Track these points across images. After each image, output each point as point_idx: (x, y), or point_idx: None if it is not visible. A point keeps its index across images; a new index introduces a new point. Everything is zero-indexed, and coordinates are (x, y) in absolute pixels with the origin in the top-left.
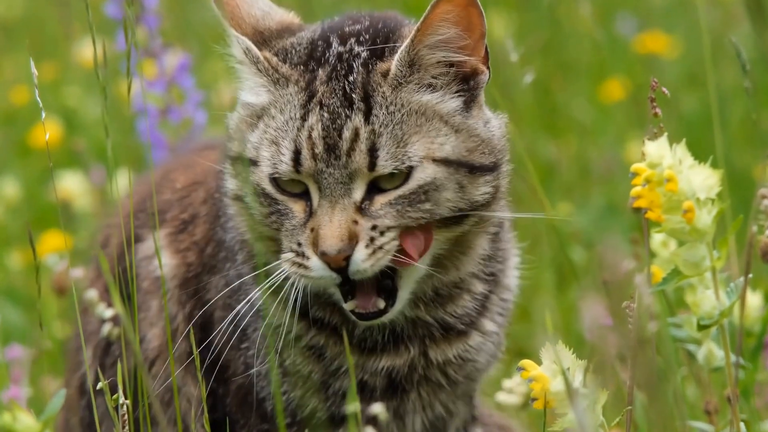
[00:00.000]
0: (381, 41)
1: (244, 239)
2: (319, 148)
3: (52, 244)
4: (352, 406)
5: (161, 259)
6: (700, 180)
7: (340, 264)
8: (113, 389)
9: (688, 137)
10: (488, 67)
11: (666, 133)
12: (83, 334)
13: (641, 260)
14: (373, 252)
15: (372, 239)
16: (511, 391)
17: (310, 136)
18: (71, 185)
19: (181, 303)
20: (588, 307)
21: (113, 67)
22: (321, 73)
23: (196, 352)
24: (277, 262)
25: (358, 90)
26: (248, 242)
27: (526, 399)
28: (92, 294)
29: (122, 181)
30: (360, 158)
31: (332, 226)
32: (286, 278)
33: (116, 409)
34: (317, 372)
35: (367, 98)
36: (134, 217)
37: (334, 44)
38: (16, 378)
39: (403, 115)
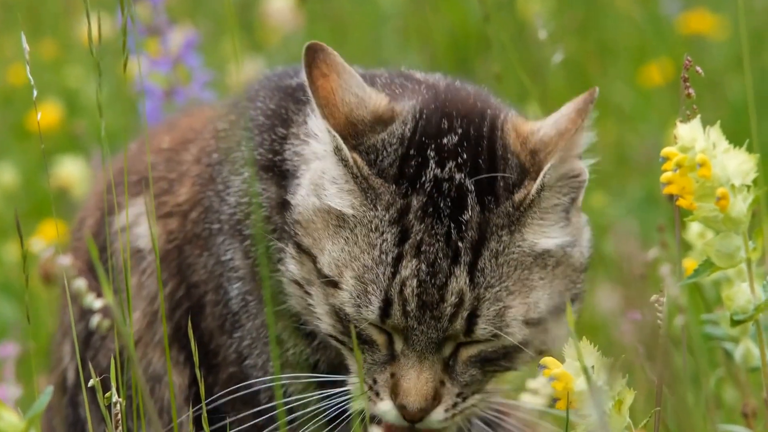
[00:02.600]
0: (484, 161)
1: (243, 219)
2: (412, 306)
3: (51, 233)
4: (358, 404)
5: (136, 228)
6: (735, 165)
7: (414, 418)
8: (97, 389)
9: (733, 124)
10: None
11: (699, 115)
12: (62, 328)
13: (669, 249)
14: (452, 416)
15: (455, 404)
16: (536, 393)
17: (402, 291)
18: (71, 171)
19: (162, 281)
20: (605, 297)
21: (116, 46)
22: (415, 203)
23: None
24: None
25: (468, 236)
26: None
27: (551, 401)
28: (80, 283)
29: (119, 165)
30: (459, 325)
31: (419, 384)
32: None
33: (108, 407)
34: (323, 362)
35: (477, 247)
36: (111, 190)
37: (431, 164)
38: (6, 376)
39: (509, 269)
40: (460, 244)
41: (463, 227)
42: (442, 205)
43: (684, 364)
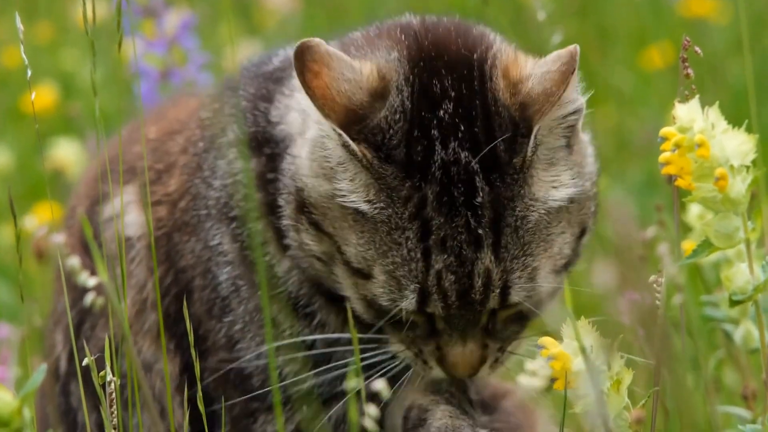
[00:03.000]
0: (480, 128)
1: (228, 200)
2: (452, 298)
3: (45, 215)
4: (353, 382)
5: (125, 217)
6: (734, 145)
7: (464, 380)
8: (92, 368)
9: (734, 107)
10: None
11: (698, 96)
12: (54, 315)
13: (667, 229)
14: (496, 368)
15: (497, 359)
16: (534, 374)
17: (439, 284)
18: (66, 153)
19: (150, 268)
20: (599, 273)
21: (111, 28)
22: (430, 195)
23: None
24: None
25: (486, 218)
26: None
27: (550, 381)
28: (74, 261)
29: (111, 152)
30: (493, 301)
31: (465, 356)
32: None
33: (103, 387)
34: (321, 341)
35: (496, 225)
36: (101, 179)
37: (437, 146)
38: (4, 358)
39: (530, 235)
40: (480, 230)
41: (479, 211)
42: (455, 193)
43: (683, 345)
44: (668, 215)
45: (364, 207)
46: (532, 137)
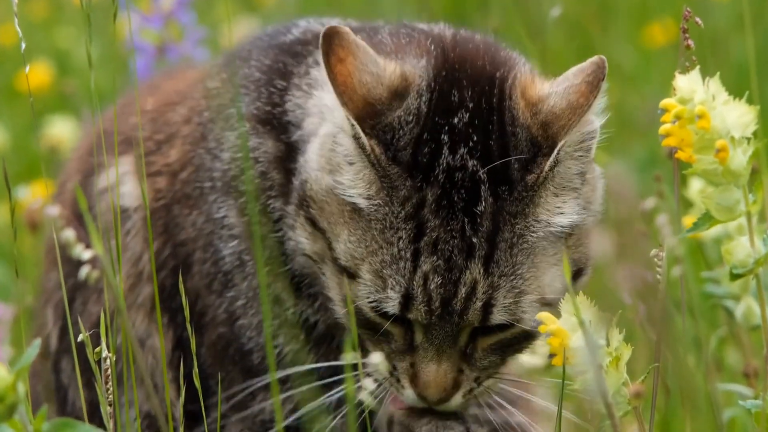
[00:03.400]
0: (495, 141)
1: (238, 175)
2: (436, 304)
3: (41, 193)
4: (350, 356)
5: (121, 187)
6: (735, 117)
7: (435, 405)
8: (87, 344)
9: (736, 84)
10: None
11: (698, 67)
12: (45, 294)
13: (667, 200)
14: (468, 400)
15: (471, 390)
16: (533, 352)
17: (424, 288)
18: (61, 130)
19: (147, 240)
20: (598, 242)
21: (107, 3)
22: (430, 197)
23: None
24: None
25: (483, 229)
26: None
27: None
28: (69, 234)
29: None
30: (473, 316)
31: (438, 376)
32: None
33: (98, 363)
34: (323, 322)
35: (492, 238)
36: (96, 150)
37: (444, 150)
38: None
39: (524, 256)
40: (474, 239)
41: (478, 220)
42: (456, 198)
43: (683, 320)
44: (668, 188)
45: (362, 203)
46: (555, 152)
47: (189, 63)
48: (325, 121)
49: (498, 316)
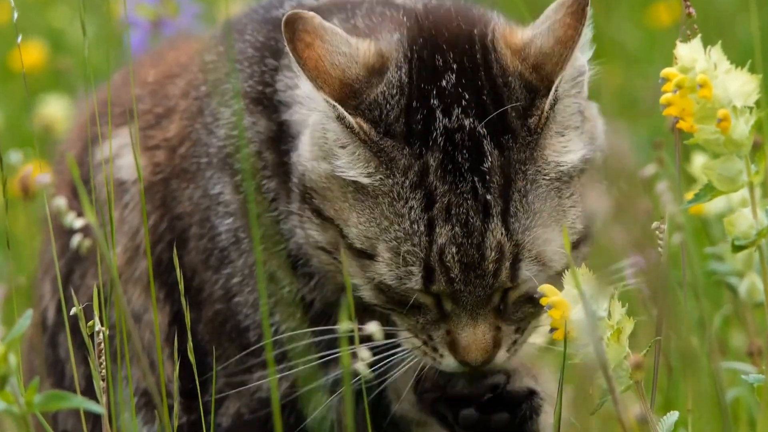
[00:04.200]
0: (488, 95)
1: (233, 152)
2: (456, 272)
3: (34, 174)
4: (345, 324)
5: (119, 160)
6: (737, 86)
7: (479, 368)
8: (80, 317)
9: (742, 64)
10: None
11: (700, 35)
12: (43, 265)
13: (666, 167)
14: (514, 352)
15: (514, 342)
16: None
17: (442, 259)
18: (55, 109)
19: (145, 213)
20: (592, 200)
21: None
22: (432, 162)
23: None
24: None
25: (495, 184)
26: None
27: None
28: (61, 202)
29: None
30: (504, 276)
31: (476, 339)
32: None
33: (91, 337)
34: (319, 300)
35: (505, 192)
36: (95, 121)
37: (438, 114)
38: None
39: (541, 202)
40: (488, 196)
41: (487, 177)
42: (460, 159)
43: (684, 294)
44: (671, 160)
45: (364, 180)
46: (553, 90)
47: (191, 36)
48: (312, 111)
49: (526, 270)
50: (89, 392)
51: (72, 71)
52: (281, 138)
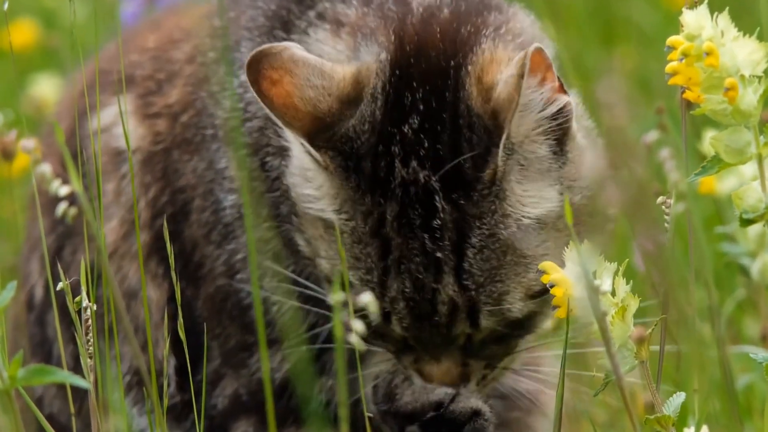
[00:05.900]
0: (446, 143)
1: (239, 126)
2: (408, 322)
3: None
4: (338, 295)
5: (116, 129)
6: (745, 54)
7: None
8: (67, 293)
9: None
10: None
11: (706, 2)
12: (30, 242)
13: (669, 133)
14: (483, 386)
15: (484, 376)
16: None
17: (394, 307)
18: (46, 89)
19: (145, 185)
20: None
21: None
22: (389, 214)
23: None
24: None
25: (447, 240)
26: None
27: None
28: (45, 168)
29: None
30: (462, 326)
31: (441, 373)
32: None
33: (79, 314)
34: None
35: (458, 248)
36: (89, 92)
37: (397, 163)
38: None
39: (499, 256)
40: (438, 254)
41: (437, 234)
42: (412, 214)
43: (690, 272)
44: (676, 132)
45: (330, 217)
46: (501, 146)
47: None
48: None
49: (485, 319)
50: (77, 372)
51: (64, 50)
52: None
